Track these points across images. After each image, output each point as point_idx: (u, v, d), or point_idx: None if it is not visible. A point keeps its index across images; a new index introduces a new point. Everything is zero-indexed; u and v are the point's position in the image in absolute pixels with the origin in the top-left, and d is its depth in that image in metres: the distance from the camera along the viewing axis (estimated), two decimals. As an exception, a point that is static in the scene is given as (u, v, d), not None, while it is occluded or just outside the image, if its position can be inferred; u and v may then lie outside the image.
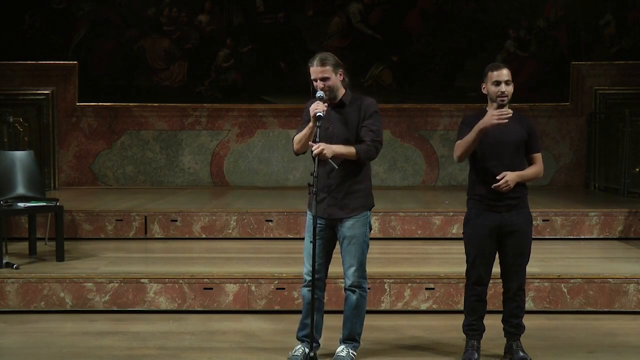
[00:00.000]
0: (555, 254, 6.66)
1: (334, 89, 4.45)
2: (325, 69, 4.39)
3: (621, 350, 4.89)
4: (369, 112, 4.47)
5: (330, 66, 4.40)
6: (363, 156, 4.39)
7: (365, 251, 4.54)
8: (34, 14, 10.27)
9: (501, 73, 4.38)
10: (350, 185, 4.44)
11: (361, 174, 4.48)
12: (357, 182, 4.46)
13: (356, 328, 4.63)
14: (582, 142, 10.31)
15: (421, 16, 10.39)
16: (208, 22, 10.40)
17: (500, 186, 4.34)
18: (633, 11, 10.32)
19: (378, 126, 4.47)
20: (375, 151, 4.43)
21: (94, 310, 5.73)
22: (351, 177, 4.44)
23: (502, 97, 4.38)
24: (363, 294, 4.58)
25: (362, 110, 4.47)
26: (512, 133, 4.41)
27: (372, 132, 4.42)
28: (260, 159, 10.42)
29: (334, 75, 4.43)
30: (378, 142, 4.43)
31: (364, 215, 4.48)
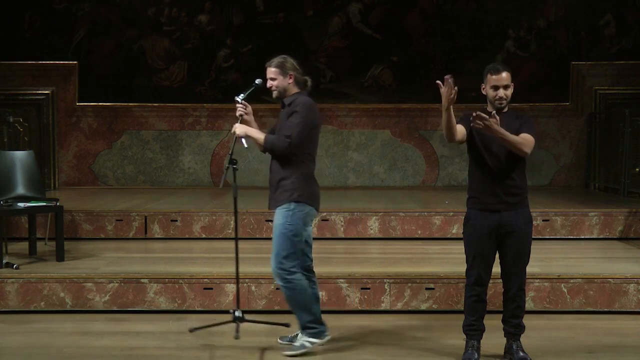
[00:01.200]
0: (555, 254, 6.66)
1: (280, 89, 4.78)
2: (272, 70, 4.78)
3: (621, 350, 4.88)
4: (292, 111, 4.70)
5: (278, 68, 4.75)
6: (267, 146, 4.71)
7: (286, 244, 4.66)
8: (34, 14, 10.28)
9: (500, 77, 4.36)
10: (280, 180, 4.72)
11: (289, 169, 4.69)
12: (285, 177, 4.70)
13: (301, 317, 4.76)
14: (582, 142, 10.31)
15: (421, 16, 10.39)
16: (208, 22, 10.41)
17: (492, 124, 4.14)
18: (633, 11, 10.32)
19: (294, 123, 4.65)
20: (280, 145, 4.64)
21: (94, 310, 5.72)
22: (280, 171, 4.72)
23: (499, 101, 4.38)
24: (286, 284, 4.68)
25: (290, 109, 4.72)
26: (510, 130, 4.40)
27: (286, 127, 4.66)
28: (260, 159, 10.41)
29: (282, 77, 4.74)
30: (286, 137, 4.62)
31: (287, 208, 4.66)
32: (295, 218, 4.66)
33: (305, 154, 4.73)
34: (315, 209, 4.81)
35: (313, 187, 4.78)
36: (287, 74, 4.73)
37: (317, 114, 4.84)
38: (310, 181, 4.76)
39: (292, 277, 4.67)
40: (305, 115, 4.66)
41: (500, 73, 4.37)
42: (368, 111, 10.39)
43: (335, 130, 10.41)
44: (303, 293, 4.70)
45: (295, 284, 4.68)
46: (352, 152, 10.42)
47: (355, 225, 7.49)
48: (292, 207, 4.66)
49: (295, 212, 4.66)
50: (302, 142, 4.65)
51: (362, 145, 10.41)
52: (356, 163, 10.43)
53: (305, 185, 4.70)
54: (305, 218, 4.71)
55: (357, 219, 7.50)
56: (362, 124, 10.40)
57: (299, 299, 4.71)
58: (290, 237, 4.66)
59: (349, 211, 7.56)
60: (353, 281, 5.77)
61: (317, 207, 4.84)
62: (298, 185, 4.67)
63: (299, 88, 4.79)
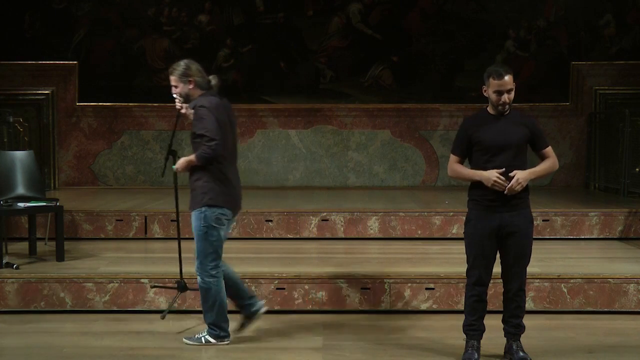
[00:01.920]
0: (555, 254, 6.66)
1: (183, 95, 4.91)
2: (172, 78, 4.93)
3: (621, 350, 4.89)
4: (197, 114, 4.77)
5: (178, 76, 4.89)
6: (201, 162, 4.72)
7: (205, 245, 4.79)
8: (34, 14, 10.27)
9: (503, 82, 4.34)
10: (193, 182, 4.82)
11: (201, 171, 4.76)
12: (197, 179, 4.79)
13: (208, 316, 4.88)
14: (582, 142, 10.31)
15: (421, 16, 10.39)
16: (208, 22, 10.41)
17: (513, 186, 4.32)
18: (633, 11, 10.32)
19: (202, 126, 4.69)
20: (209, 151, 4.67)
21: (94, 310, 5.73)
22: (194, 174, 4.81)
23: (502, 106, 4.39)
24: (204, 284, 4.83)
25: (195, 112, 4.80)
26: (513, 134, 4.41)
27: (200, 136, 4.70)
28: (260, 159, 10.42)
29: (182, 84, 4.89)
30: (207, 140, 4.66)
31: (199, 211, 4.77)
32: (208, 220, 4.77)
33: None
34: (231, 210, 4.89)
35: (227, 189, 4.83)
36: (188, 80, 4.85)
37: (224, 112, 4.87)
38: (223, 183, 4.81)
39: (211, 279, 4.83)
40: (210, 112, 4.72)
41: (503, 77, 4.34)
42: (368, 111, 10.39)
43: (335, 130, 10.40)
44: (216, 295, 4.85)
45: (212, 286, 4.83)
46: (352, 152, 10.42)
47: (355, 225, 7.50)
48: (204, 210, 4.77)
49: (207, 215, 4.77)
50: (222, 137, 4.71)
51: (362, 145, 10.41)
52: (356, 163, 10.43)
53: (217, 188, 4.78)
54: (219, 219, 4.80)
55: (357, 219, 7.50)
56: (362, 124, 10.40)
57: (209, 301, 4.86)
58: (207, 238, 4.79)
59: (349, 211, 7.56)
60: (353, 281, 5.77)
61: (234, 208, 4.92)
62: (209, 188, 4.76)
63: (202, 90, 4.89)
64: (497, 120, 4.44)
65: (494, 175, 4.33)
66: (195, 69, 4.89)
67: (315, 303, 5.75)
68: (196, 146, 4.75)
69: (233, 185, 4.88)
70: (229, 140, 4.83)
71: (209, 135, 4.64)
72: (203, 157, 4.68)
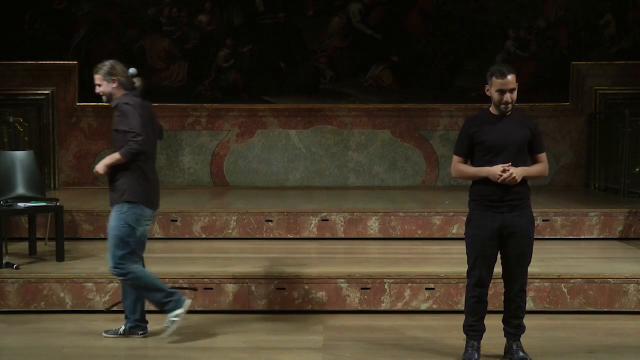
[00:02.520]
0: (555, 254, 6.66)
1: (106, 94, 4.95)
2: (96, 76, 4.94)
3: (621, 350, 4.89)
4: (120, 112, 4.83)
5: (101, 75, 4.92)
6: (126, 157, 4.77)
7: (121, 245, 4.84)
8: (34, 14, 10.27)
9: (507, 81, 4.35)
10: (113, 180, 4.89)
11: (121, 169, 4.82)
12: (117, 177, 4.85)
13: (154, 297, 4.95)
14: (582, 142, 10.31)
15: (421, 16, 10.39)
16: (208, 22, 10.40)
17: (506, 179, 4.33)
18: (633, 11, 10.31)
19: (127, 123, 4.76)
20: (135, 146, 4.73)
21: (94, 310, 5.73)
22: (114, 171, 4.86)
23: (505, 106, 4.39)
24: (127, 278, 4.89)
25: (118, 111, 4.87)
26: (515, 134, 4.42)
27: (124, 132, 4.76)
28: (260, 159, 10.42)
29: (106, 82, 4.93)
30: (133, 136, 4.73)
31: (119, 210, 4.84)
32: (128, 220, 4.81)
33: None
34: (150, 209, 4.93)
35: (147, 187, 4.88)
36: (112, 79, 4.90)
37: (146, 112, 4.92)
38: (143, 181, 4.85)
39: (130, 270, 4.87)
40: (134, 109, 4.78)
41: (506, 76, 4.35)
42: (368, 111, 10.39)
43: (335, 130, 10.40)
44: (145, 277, 4.93)
45: (136, 274, 4.90)
46: (352, 152, 10.42)
47: (355, 225, 7.50)
48: (124, 209, 4.82)
49: (127, 214, 4.81)
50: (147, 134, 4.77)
51: (362, 145, 10.41)
52: (356, 163, 10.43)
53: (137, 186, 4.82)
54: (138, 219, 4.84)
55: (357, 219, 7.50)
56: (362, 124, 10.40)
57: (143, 283, 4.91)
58: (124, 238, 4.83)
59: (349, 211, 7.56)
60: (353, 281, 5.77)
61: (153, 206, 4.97)
62: (129, 186, 4.81)
63: (125, 90, 4.93)
64: (499, 120, 4.44)
65: (499, 169, 4.33)
66: (120, 69, 4.95)
67: (315, 303, 5.75)
68: (118, 143, 4.80)
69: (152, 184, 4.95)
70: (150, 140, 4.90)
71: (135, 131, 4.71)
72: (130, 152, 4.74)
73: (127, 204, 4.81)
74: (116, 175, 4.84)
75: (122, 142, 4.76)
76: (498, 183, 4.36)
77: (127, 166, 4.79)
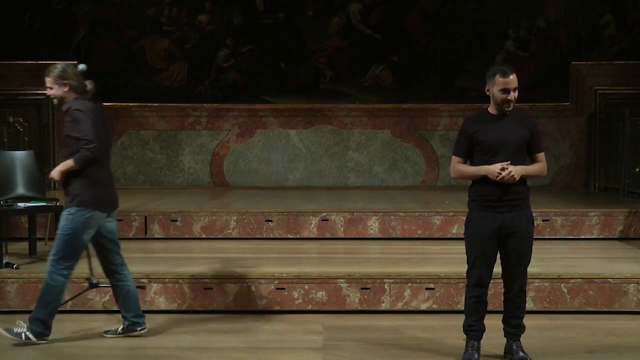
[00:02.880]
0: (555, 254, 6.66)
1: (57, 97, 4.89)
2: (47, 79, 4.88)
3: (621, 350, 4.88)
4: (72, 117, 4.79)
5: (52, 78, 4.86)
6: (79, 165, 4.76)
7: (63, 246, 4.85)
8: (34, 14, 10.28)
9: (510, 80, 4.35)
10: (66, 184, 4.87)
11: (74, 173, 4.80)
12: (70, 181, 4.84)
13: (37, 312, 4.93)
14: (582, 142, 10.31)
15: (421, 16, 10.39)
16: (208, 22, 10.41)
17: (505, 177, 4.33)
18: (633, 11, 10.32)
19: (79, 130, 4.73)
20: (88, 153, 4.72)
21: (94, 310, 5.72)
22: (66, 178, 4.84)
23: (507, 105, 4.39)
24: (50, 281, 4.88)
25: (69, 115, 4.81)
26: (514, 133, 4.42)
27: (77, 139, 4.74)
28: (260, 159, 10.42)
29: (57, 86, 4.86)
30: (85, 143, 4.71)
31: (69, 212, 4.83)
32: (75, 222, 4.82)
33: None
34: (103, 212, 4.93)
35: (98, 191, 4.88)
36: (63, 83, 4.85)
37: (99, 116, 4.91)
38: (95, 185, 4.86)
39: (61, 279, 4.88)
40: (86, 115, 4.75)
41: (509, 75, 4.36)
42: (368, 111, 10.39)
43: (335, 130, 10.41)
44: (58, 295, 4.92)
45: (55, 285, 4.88)
46: (352, 152, 10.42)
47: (355, 225, 7.50)
48: (73, 211, 4.83)
49: (75, 217, 4.81)
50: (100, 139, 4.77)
51: (362, 145, 10.41)
52: (356, 163, 10.43)
53: (88, 190, 4.83)
54: (87, 222, 4.85)
55: (357, 219, 7.50)
56: (362, 124, 10.40)
57: (48, 298, 4.91)
58: (67, 239, 4.84)
59: (349, 211, 7.56)
60: (353, 281, 5.77)
61: (105, 210, 4.97)
62: (81, 190, 4.82)
63: (77, 94, 4.90)
64: (498, 120, 4.45)
65: (498, 167, 4.34)
66: (72, 72, 4.91)
67: (315, 303, 5.75)
68: (70, 149, 4.80)
69: (105, 186, 4.95)
70: (104, 145, 4.90)
71: (88, 138, 4.70)
72: (82, 160, 4.73)
73: (75, 208, 4.82)
74: (69, 180, 4.84)
75: (75, 147, 4.75)
76: (497, 183, 4.36)
77: (79, 171, 4.80)
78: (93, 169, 4.82)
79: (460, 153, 4.53)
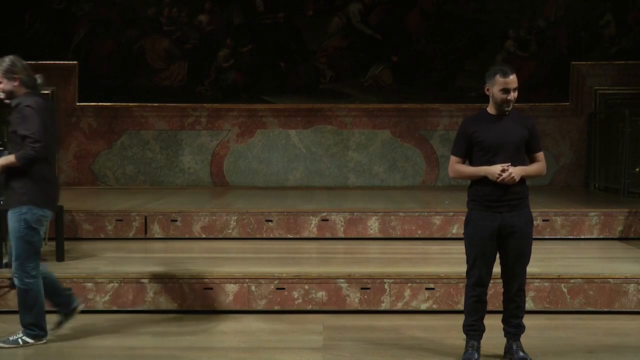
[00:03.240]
0: (555, 254, 6.66)
1: (7, 92, 4.82)
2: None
3: (621, 350, 4.89)
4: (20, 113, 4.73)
5: (1, 72, 4.79)
6: (21, 162, 4.68)
7: (25, 247, 4.81)
8: (34, 14, 10.28)
9: (511, 80, 4.36)
10: (10, 181, 4.80)
11: (20, 171, 4.73)
12: (15, 179, 4.77)
13: (24, 318, 4.91)
14: (582, 142, 10.31)
15: (421, 16, 10.39)
16: (208, 22, 10.41)
17: (505, 179, 4.33)
18: (633, 11, 10.32)
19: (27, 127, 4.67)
20: (32, 152, 4.66)
21: (94, 310, 5.72)
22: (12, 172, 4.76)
23: (507, 104, 4.40)
24: (23, 286, 4.84)
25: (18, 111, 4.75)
26: (513, 133, 4.42)
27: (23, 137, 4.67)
28: (260, 159, 10.42)
29: (7, 80, 4.80)
30: (31, 142, 4.65)
31: (18, 212, 4.76)
32: (29, 222, 4.78)
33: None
34: (50, 210, 4.93)
35: (46, 189, 4.86)
36: (13, 77, 4.80)
37: (49, 114, 4.88)
38: (42, 183, 4.83)
39: (31, 280, 4.85)
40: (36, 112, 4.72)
41: (509, 75, 4.37)
42: (368, 111, 10.39)
43: (335, 130, 10.41)
44: (35, 297, 4.89)
45: (32, 287, 4.86)
46: (352, 152, 10.42)
47: (355, 225, 7.50)
48: (23, 210, 4.77)
49: (27, 215, 4.77)
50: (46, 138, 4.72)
51: (362, 145, 10.41)
52: (356, 163, 10.43)
53: (36, 188, 4.80)
54: (39, 221, 4.83)
55: (357, 219, 7.50)
56: (362, 124, 10.40)
57: (29, 302, 4.89)
58: (28, 240, 4.81)
59: (349, 211, 7.56)
60: (353, 281, 5.77)
61: (53, 208, 4.97)
62: (28, 189, 4.77)
63: (27, 89, 4.87)
64: (497, 120, 4.45)
65: (498, 169, 4.34)
66: (21, 66, 4.86)
67: (315, 303, 5.75)
68: (15, 145, 4.76)
69: (52, 185, 4.93)
70: (50, 145, 4.85)
71: (34, 137, 4.66)
72: (25, 158, 4.68)
73: (25, 206, 4.77)
74: (14, 177, 4.77)
75: (19, 144, 4.70)
76: (497, 183, 4.37)
77: (26, 169, 4.73)
78: (41, 167, 4.76)
79: (458, 153, 4.54)
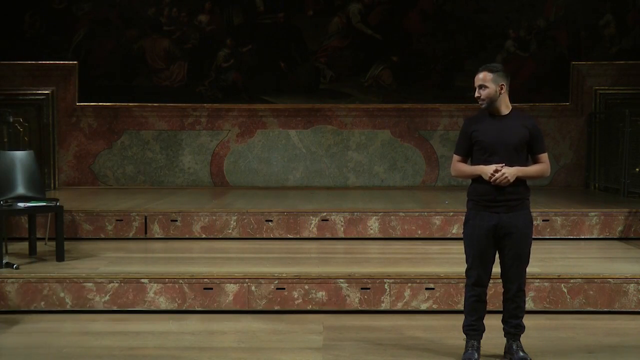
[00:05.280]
0: (555, 254, 6.66)
1: None
2: None
3: (621, 350, 4.89)
4: None
5: None
6: None
7: None
8: (34, 14, 10.27)
9: (477, 78, 4.54)
10: None
11: None
12: None
13: None
14: (582, 142, 10.31)
15: (421, 16, 10.39)
16: (208, 22, 10.40)
17: (498, 179, 4.34)
18: (633, 11, 10.31)
19: None
20: None
21: (94, 310, 5.73)
22: None
23: (478, 102, 4.55)
24: None
25: None
26: (513, 133, 4.43)
27: None
28: (260, 159, 10.42)
29: None
30: None
31: None
32: None
33: None
34: None
35: None
36: None
37: None
38: None
39: None
40: None
41: (478, 73, 4.56)
42: (368, 111, 10.39)
43: (335, 130, 10.41)
44: None
45: None
46: (352, 152, 10.42)
47: (355, 225, 7.50)
48: None
49: None
50: None
51: (362, 145, 10.41)
52: (356, 163, 10.43)
53: None
54: None
55: (357, 219, 7.50)
56: (362, 124, 10.40)
57: None
58: None
59: (349, 211, 7.56)
60: (353, 281, 5.77)
61: None
62: None
63: None
64: (498, 120, 4.46)
65: (491, 169, 4.35)
66: None
67: (315, 303, 5.75)
68: None
69: None
70: None
71: None
72: None
73: None
74: None
75: None
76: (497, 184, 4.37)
77: None
78: None
79: (460, 152, 4.56)
